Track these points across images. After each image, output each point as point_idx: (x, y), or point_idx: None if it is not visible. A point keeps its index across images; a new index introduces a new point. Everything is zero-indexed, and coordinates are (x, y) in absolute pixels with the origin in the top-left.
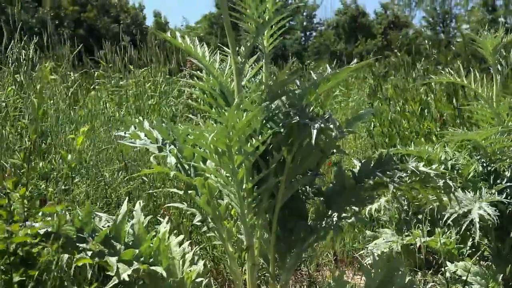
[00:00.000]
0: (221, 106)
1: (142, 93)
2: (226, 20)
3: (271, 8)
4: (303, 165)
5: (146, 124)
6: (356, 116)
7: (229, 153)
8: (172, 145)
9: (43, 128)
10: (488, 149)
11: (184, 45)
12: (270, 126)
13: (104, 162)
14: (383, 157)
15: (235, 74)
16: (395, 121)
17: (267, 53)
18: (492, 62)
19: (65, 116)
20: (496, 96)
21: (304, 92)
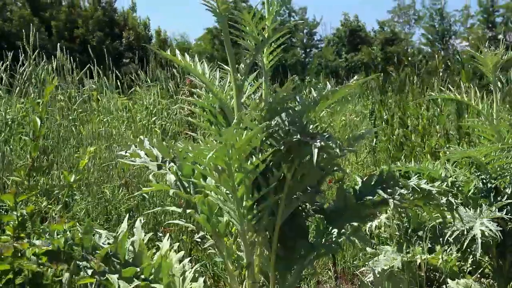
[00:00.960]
0: (221, 123)
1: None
2: (226, 37)
3: (270, 26)
4: (303, 183)
5: (146, 142)
6: (358, 135)
7: (229, 171)
8: (172, 162)
9: (45, 144)
10: (488, 166)
11: (184, 63)
12: (270, 143)
13: (105, 179)
14: (384, 174)
15: (234, 91)
16: (399, 137)
17: (267, 70)
18: (492, 79)
19: (67, 132)
20: (496, 113)
21: (304, 109)
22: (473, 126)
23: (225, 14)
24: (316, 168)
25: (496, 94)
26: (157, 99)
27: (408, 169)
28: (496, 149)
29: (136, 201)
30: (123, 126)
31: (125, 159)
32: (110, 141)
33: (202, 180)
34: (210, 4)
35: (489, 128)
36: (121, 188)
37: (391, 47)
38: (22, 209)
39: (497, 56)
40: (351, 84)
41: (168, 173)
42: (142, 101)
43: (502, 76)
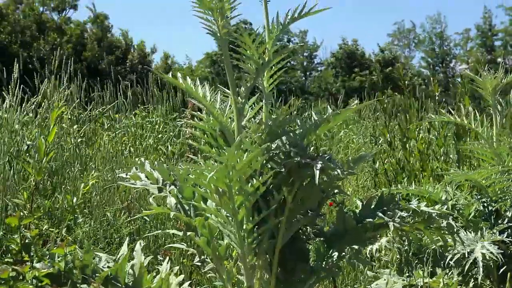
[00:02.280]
0: (221, 146)
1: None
2: (226, 61)
3: (271, 49)
4: (304, 205)
5: (147, 165)
6: (358, 157)
7: (230, 193)
8: (173, 185)
9: (49, 167)
10: (489, 189)
11: (185, 86)
12: (271, 166)
13: (107, 202)
14: (384, 196)
15: (235, 114)
16: (400, 160)
17: (267, 93)
18: (491, 103)
19: (71, 155)
20: (496, 136)
21: (305, 132)
22: (473, 149)
23: (226, 38)
24: (316, 190)
25: (495, 117)
26: (160, 121)
27: (409, 191)
28: (496, 172)
29: (137, 225)
30: (126, 147)
31: (126, 181)
32: (112, 163)
33: (202, 203)
34: (211, 28)
35: (489, 151)
36: (123, 211)
37: (390, 70)
38: (26, 232)
39: (497, 79)
40: (352, 108)
41: (169, 196)
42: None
43: (501, 99)
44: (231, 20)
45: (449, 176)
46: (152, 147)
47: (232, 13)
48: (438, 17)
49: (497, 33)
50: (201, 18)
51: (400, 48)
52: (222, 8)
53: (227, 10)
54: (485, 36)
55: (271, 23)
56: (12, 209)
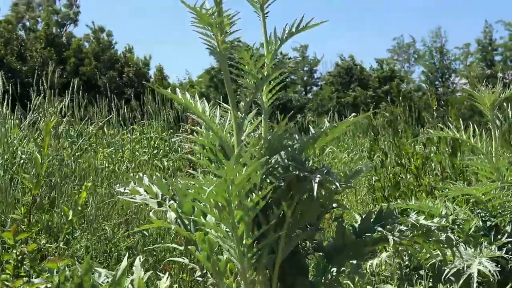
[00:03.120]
0: (221, 161)
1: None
2: (225, 75)
3: (269, 64)
4: (303, 220)
5: (146, 179)
6: (355, 171)
7: (229, 208)
8: (172, 200)
9: (46, 181)
10: (488, 204)
11: (185, 101)
12: (270, 180)
13: (105, 216)
14: (383, 211)
15: (234, 129)
16: (395, 175)
17: (266, 108)
18: (490, 117)
19: (68, 169)
20: (495, 150)
21: (303, 146)
22: (472, 164)
23: (225, 53)
24: (315, 204)
25: (494, 132)
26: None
27: (409, 206)
28: (495, 187)
29: (136, 239)
30: (123, 163)
31: (125, 196)
32: (111, 177)
33: (202, 217)
34: (210, 43)
35: (488, 166)
36: (121, 225)
37: (389, 85)
38: (23, 247)
39: (495, 94)
40: (349, 121)
41: (169, 210)
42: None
43: (500, 114)
44: (229, 35)
45: (447, 191)
46: (148, 163)
47: (231, 28)
48: (438, 32)
49: (497, 47)
50: (200, 33)
51: (400, 63)
52: (221, 23)
53: (226, 25)
54: (485, 50)
55: (269, 38)
56: (10, 224)
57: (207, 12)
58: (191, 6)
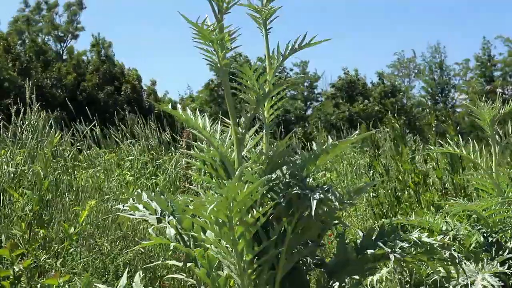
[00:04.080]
0: (222, 176)
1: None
2: (226, 91)
3: (271, 80)
4: (304, 236)
5: (145, 196)
6: (358, 189)
7: (230, 224)
8: (171, 216)
9: (44, 197)
10: (489, 220)
11: (185, 117)
12: (271, 196)
13: (102, 232)
14: (385, 227)
15: (235, 144)
16: (395, 191)
17: (267, 123)
18: (490, 133)
19: (65, 185)
20: (495, 166)
21: (305, 163)
22: (473, 180)
23: (226, 68)
24: (316, 221)
25: (494, 147)
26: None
27: (409, 222)
28: (496, 203)
29: (134, 255)
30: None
31: (124, 212)
32: (108, 194)
33: (202, 233)
34: (211, 59)
35: (488, 182)
36: (118, 241)
37: (390, 99)
38: (20, 264)
39: (495, 109)
40: (351, 139)
41: (168, 226)
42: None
43: (500, 129)
44: (230, 51)
45: (448, 206)
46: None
47: (232, 44)
48: (437, 47)
49: (496, 63)
50: (201, 49)
51: (400, 78)
52: (223, 40)
53: (227, 41)
54: (485, 66)
55: (272, 54)
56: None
57: (208, 28)
58: (192, 22)
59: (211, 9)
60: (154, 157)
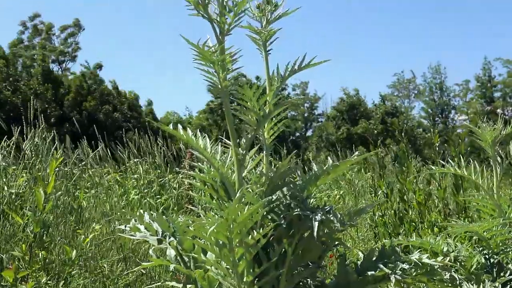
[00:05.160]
0: (222, 197)
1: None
2: (227, 112)
3: (271, 101)
4: (304, 257)
5: (146, 216)
6: (359, 210)
7: (230, 246)
8: (172, 237)
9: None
10: (490, 241)
11: (186, 137)
12: (271, 217)
13: (103, 253)
14: (385, 248)
15: (236, 165)
16: (399, 212)
17: (268, 144)
18: (491, 154)
19: (64, 206)
20: (496, 187)
21: (305, 184)
22: (474, 201)
23: (227, 90)
24: (317, 243)
25: (496, 168)
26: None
27: (410, 243)
28: (497, 224)
29: (134, 276)
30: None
31: (125, 233)
32: (110, 215)
33: (202, 255)
34: (212, 80)
35: (490, 203)
36: (119, 263)
37: (390, 120)
38: (22, 285)
39: (496, 130)
40: (352, 160)
41: (169, 247)
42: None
43: (501, 150)
44: (232, 72)
45: (450, 227)
46: (138, 202)
47: (234, 65)
48: (438, 68)
49: (496, 84)
50: (202, 71)
51: (400, 99)
52: (224, 61)
53: (228, 63)
54: (485, 87)
55: (272, 75)
56: (8, 262)
57: (209, 50)
58: (194, 44)
59: (212, 31)
60: (159, 176)
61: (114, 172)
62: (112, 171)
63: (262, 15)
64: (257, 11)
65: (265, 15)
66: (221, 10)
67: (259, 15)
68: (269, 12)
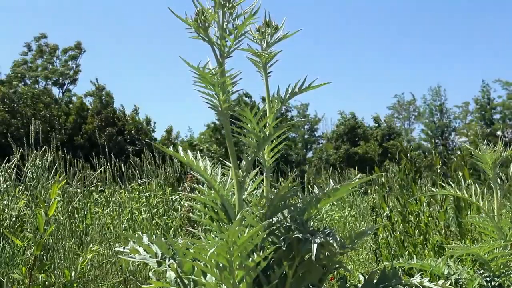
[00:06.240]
0: (222, 219)
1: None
2: (227, 134)
3: (272, 124)
4: (305, 280)
5: (145, 238)
6: (360, 232)
7: (230, 268)
8: (172, 259)
9: (45, 241)
10: (491, 264)
11: (186, 159)
12: (272, 240)
13: (103, 276)
14: (386, 271)
15: (236, 188)
16: (401, 234)
17: (268, 166)
18: (492, 176)
19: (65, 229)
20: (497, 209)
21: (306, 206)
22: (475, 223)
23: (227, 112)
24: (317, 265)
25: (496, 190)
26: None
27: (411, 265)
28: (498, 246)
29: None
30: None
31: (124, 255)
32: (108, 238)
33: (202, 277)
34: (212, 102)
35: (490, 225)
36: (119, 285)
37: (390, 142)
38: None
39: (496, 152)
40: (353, 182)
41: (168, 270)
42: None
43: (501, 172)
44: (232, 94)
45: (451, 250)
46: (148, 221)
47: (234, 87)
48: (438, 90)
49: (495, 106)
50: (202, 93)
51: (400, 121)
52: (224, 83)
53: (229, 85)
54: (484, 109)
55: (272, 97)
56: (8, 284)
57: (209, 72)
58: (194, 66)
59: (212, 53)
60: (165, 198)
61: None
62: (119, 191)
63: (262, 38)
64: (257, 33)
65: (265, 37)
66: (222, 33)
67: (259, 38)
68: (269, 34)
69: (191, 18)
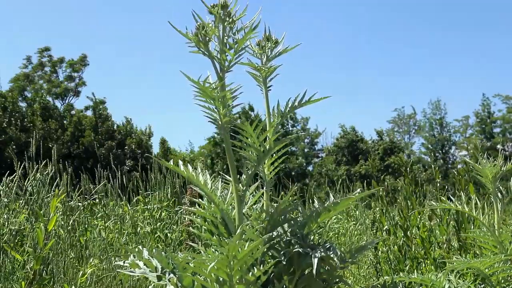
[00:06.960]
0: (223, 234)
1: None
2: (227, 148)
3: (272, 137)
4: None
5: (145, 252)
6: (360, 247)
7: (230, 283)
8: (172, 273)
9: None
10: (492, 278)
11: (186, 173)
12: (272, 254)
13: None
14: (387, 285)
15: (236, 202)
16: (401, 248)
17: (268, 180)
18: (492, 190)
19: (65, 243)
20: (497, 223)
21: (306, 221)
22: (475, 237)
23: (227, 126)
24: (317, 280)
25: (496, 204)
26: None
27: (411, 280)
28: (499, 261)
29: None
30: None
31: (124, 269)
32: (109, 251)
33: None
34: (212, 116)
35: (491, 239)
36: None
37: (391, 157)
38: None
39: (496, 167)
40: (353, 197)
41: (168, 284)
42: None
43: (502, 186)
44: (233, 108)
45: (451, 264)
46: (149, 235)
47: (234, 101)
48: (438, 104)
49: (496, 120)
50: (203, 107)
51: (400, 135)
52: (224, 97)
53: (229, 99)
54: (484, 123)
55: (272, 111)
56: None
57: (210, 86)
58: (194, 80)
59: (212, 68)
60: (171, 210)
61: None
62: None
63: (262, 52)
64: (258, 48)
65: (265, 52)
66: (222, 48)
67: (260, 52)
68: (269, 49)
69: (192, 33)
